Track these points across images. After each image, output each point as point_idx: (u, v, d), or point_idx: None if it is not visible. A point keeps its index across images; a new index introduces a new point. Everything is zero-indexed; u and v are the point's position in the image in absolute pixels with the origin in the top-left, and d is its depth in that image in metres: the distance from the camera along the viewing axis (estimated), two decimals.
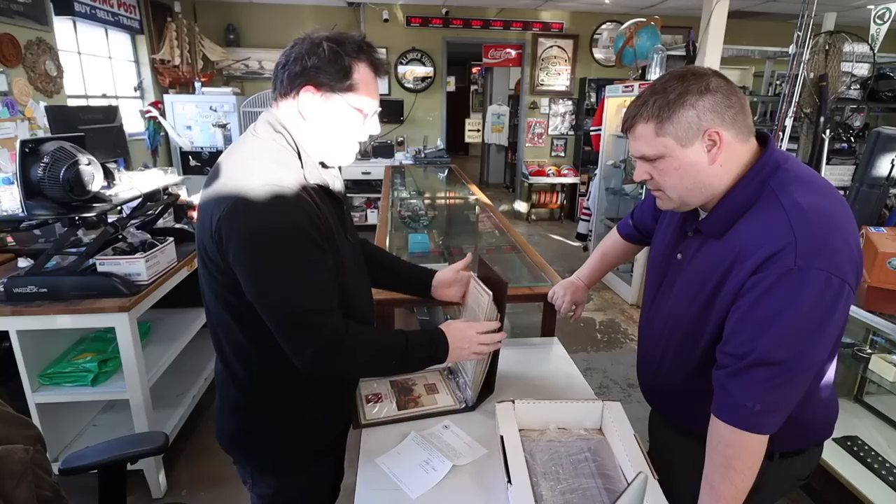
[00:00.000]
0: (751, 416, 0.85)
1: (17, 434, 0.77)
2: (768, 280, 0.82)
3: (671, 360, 1.06)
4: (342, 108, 0.96)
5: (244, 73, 5.75)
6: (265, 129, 0.97)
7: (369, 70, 0.97)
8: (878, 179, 2.15)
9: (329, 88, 0.94)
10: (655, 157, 0.90)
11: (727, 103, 0.85)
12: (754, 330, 0.84)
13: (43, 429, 1.00)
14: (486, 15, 6.06)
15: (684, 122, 0.85)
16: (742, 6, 5.31)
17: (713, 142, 0.86)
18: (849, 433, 1.92)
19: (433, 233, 2.79)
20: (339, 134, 0.99)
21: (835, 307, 0.82)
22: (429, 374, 1.35)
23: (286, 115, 0.97)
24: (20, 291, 1.71)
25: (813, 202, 0.85)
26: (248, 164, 0.92)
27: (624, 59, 4.27)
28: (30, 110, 3.32)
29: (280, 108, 0.98)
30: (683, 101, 0.85)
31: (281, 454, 1.07)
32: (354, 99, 0.96)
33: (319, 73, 0.92)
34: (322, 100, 0.94)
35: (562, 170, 6.50)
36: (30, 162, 1.56)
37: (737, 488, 0.88)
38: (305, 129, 0.97)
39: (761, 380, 0.84)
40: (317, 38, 0.94)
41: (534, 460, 1.01)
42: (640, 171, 0.95)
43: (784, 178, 0.88)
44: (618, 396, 2.77)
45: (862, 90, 3.93)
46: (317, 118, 0.96)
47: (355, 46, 0.95)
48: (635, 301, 3.98)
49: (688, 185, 0.91)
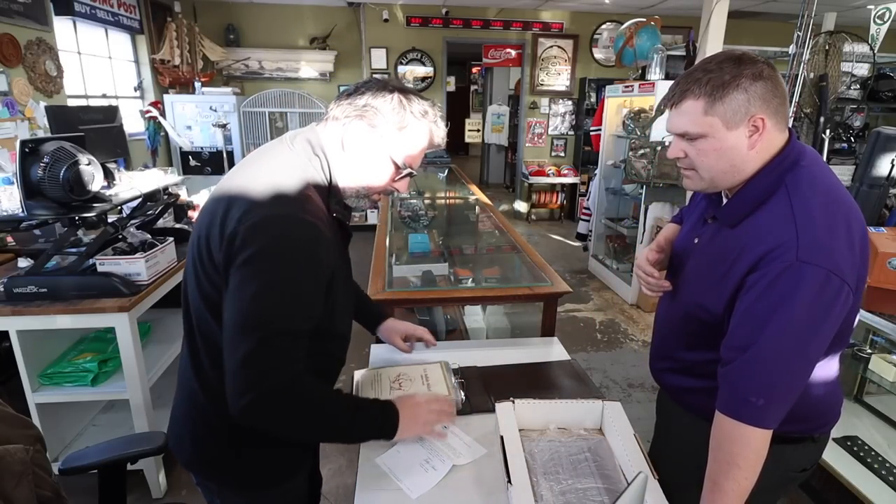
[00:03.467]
0: (754, 411, 0.86)
1: (17, 434, 0.77)
2: (770, 275, 0.84)
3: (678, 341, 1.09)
4: (381, 154, 0.96)
5: (244, 73, 5.75)
6: (304, 147, 0.96)
7: (424, 136, 0.98)
8: (878, 179, 2.15)
9: (379, 132, 0.94)
10: (697, 135, 0.91)
11: (774, 92, 0.87)
12: (755, 325, 0.85)
13: (43, 429, 1.00)
14: (486, 15, 6.06)
15: (734, 104, 0.86)
16: (742, 6, 5.31)
17: (756, 128, 0.88)
18: (849, 433, 1.92)
19: (433, 233, 2.79)
20: (368, 176, 0.99)
21: (832, 306, 0.83)
22: (429, 372, 1.35)
23: (329, 140, 0.97)
24: (20, 291, 1.71)
25: (821, 203, 0.87)
26: (283, 179, 0.91)
27: (624, 59, 4.27)
28: (30, 110, 3.32)
29: (326, 130, 0.97)
30: (738, 83, 0.86)
31: (250, 472, 1.02)
32: (396, 152, 0.97)
33: (378, 114, 0.93)
34: (368, 139, 0.95)
35: (562, 170, 6.50)
36: (30, 162, 1.55)
37: (740, 486, 0.88)
38: (342, 160, 0.97)
39: (762, 374, 0.85)
40: (391, 84, 0.96)
41: (534, 460, 1.01)
42: (676, 148, 0.96)
43: (799, 177, 0.90)
44: (618, 396, 2.77)
45: (862, 90, 3.93)
46: (355, 152, 0.96)
47: (422, 109, 0.96)
48: (635, 301, 3.98)
49: (723, 168, 0.92)
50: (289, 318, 0.85)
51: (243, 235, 0.84)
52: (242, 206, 0.87)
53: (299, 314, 0.86)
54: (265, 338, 0.82)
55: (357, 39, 5.86)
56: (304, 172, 0.94)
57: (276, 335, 0.83)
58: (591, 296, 4.20)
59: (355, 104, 0.94)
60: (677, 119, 0.93)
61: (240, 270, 0.85)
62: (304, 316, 0.87)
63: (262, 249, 0.83)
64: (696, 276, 1.03)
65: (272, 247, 0.84)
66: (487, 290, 1.95)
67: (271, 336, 0.83)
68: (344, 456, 2.17)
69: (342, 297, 1.01)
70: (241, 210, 0.86)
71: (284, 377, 0.84)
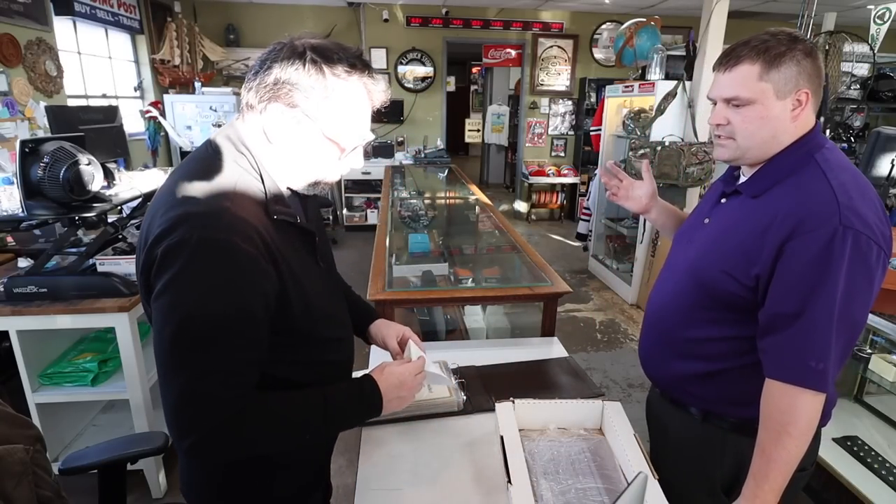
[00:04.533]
0: (814, 374, 0.87)
1: (17, 434, 0.77)
2: (817, 243, 0.86)
3: (681, 317, 1.07)
4: (314, 138, 0.81)
5: (244, 73, 5.70)
6: (225, 147, 0.82)
7: (360, 95, 0.81)
8: (878, 179, 2.15)
9: (302, 110, 0.78)
10: (747, 100, 0.92)
11: (819, 73, 0.92)
12: (805, 291, 0.87)
13: (43, 429, 1.00)
14: (486, 15, 6.05)
15: (787, 74, 0.90)
16: (742, 6, 5.31)
17: (799, 102, 0.92)
18: (849, 433, 1.92)
19: (433, 233, 2.79)
20: (308, 165, 0.84)
21: (875, 270, 0.87)
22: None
23: (250, 133, 0.83)
24: (20, 291, 1.71)
25: (851, 179, 0.91)
26: (197, 190, 0.77)
27: (624, 59, 4.27)
28: (30, 110, 3.32)
29: (245, 122, 0.83)
30: (793, 55, 0.89)
31: None
32: (331, 128, 0.80)
33: (294, 90, 0.77)
34: (292, 122, 0.79)
35: (562, 170, 6.50)
36: (30, 162, 1.55)
37: (790, 454, 0.89)
38: (271, 153, 0.83)
39: (819, 338, 0.86)
40: (300, 45, 0.78)
41: (534, 460, 1.01)
42: (719, 114, 0.97)
43: (828, 157, 0.94)
44: (618, 396, 2.77)
45: (862, 90, 3.93)
46: (284, 143, 0.81)
47: (346, 63, 0.78)
48: (635, 301, 3.98)
49: (763, 137, 0.94)
50: (217, 354, 0.73)
51: (155, 264, 0.73)
52: (149, 230, 0.76)
53: (230, 345, 0.74)
54: (193, 378, 0.72)
55: (357, 39, 5.86)
56: (226, 177, 0.79)
57: (206, 374, 0.73)
58: (591, 296, 4.20)
59: (265, 83, 0.77)
60: (729, 83, 0.94)
61: (154, 305, 0.74)
62: (238, 346, 0.75)
63: (171, 281, 0.72)
64: (716, 247, 1.01)
65: (182, 278, 0.72)
66: (487, 290, 1.96)
67: (200, 376, 0.72)
68: (344, 456, 2.17)
69: (316, 300, 0.88)
70: (147, 234, 0.76)
71: (225, 411, 0.74)
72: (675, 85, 3.57)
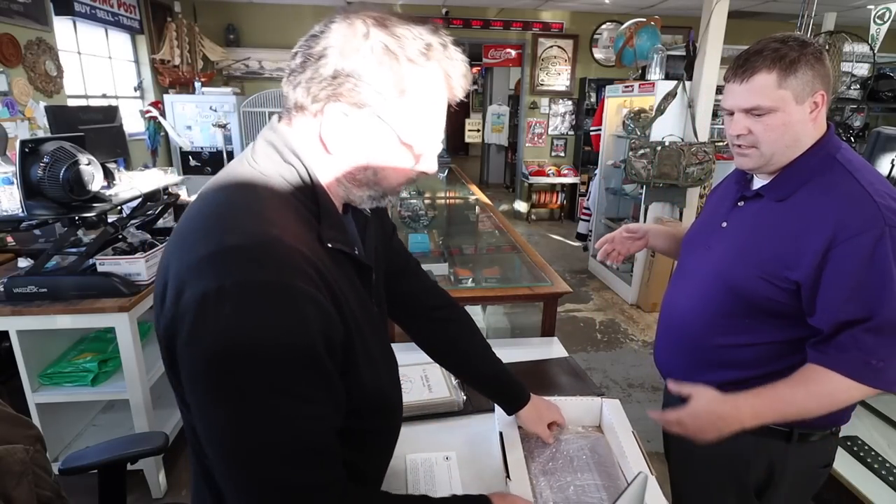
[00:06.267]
0: (872, 371, 0.88)
1: (17, 434, 0.77)
2: (867, 246, 0.86)
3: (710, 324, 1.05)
4: (388, 144, 0.64)
5: (244, 73, 5.75)
6: (268, 155, 0.64)
7: (439, 84, 0.64)
8: None
9: (373, 110, 0.61)
10: (769, 109, 0.92)
11: (829, 73, 0.93)
12: (868, 295, 0.86)
13: (43, 429, 1.00)
14: (486, 15, 6.06)
15: (804, 79, 0.91)
16: (742, 6, 5.31)
17: (816, 104, 0.93)
18: (849, 433, 1.92)
19: (433, 233, 2.79)
20: (378, 178, 0.66)
21: None
22: (429, 373, 1.35)
23: (301, 141, 0.64)
24: (20, 291, 1.71)
25: (880, 180, 0.93)
26: (237, 217, 0.59)
27: (624, 59, 4.28)
28: (30, 110, 3.32)
29: (294, 127, 0.65)
30: (807, 59, 0.90)
31: None
32: (409, 130, 0.63)
33: (360, 84, 0.59)
34: (358, 126, 0.62)
35: (562, 170, 6.50)
36: (30, 162, 1.56)
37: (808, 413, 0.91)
38: (329, 165, 0.65)
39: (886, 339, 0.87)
40: (360, 21, 0.60)
41: (532, 457, 1.01)
42: (740, 124, 0.96)
43: (849, 157, 0.95)
44: (618, 396, 2.76)
45: (862, 90, 3.94)
46: (348, 152, 0.64)
47: (421, 45, 0.60)
48: (635, 301, 3.98)
49: (787, 143, 0.95)
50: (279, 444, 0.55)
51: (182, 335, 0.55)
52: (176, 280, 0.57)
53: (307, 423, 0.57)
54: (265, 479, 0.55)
55: None
56: (271, 197, 0.61)
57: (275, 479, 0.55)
58: (591, 296, 4.21)
59: (320, 76, 0.60)
60: (747, 94, 0.94)
61: (193, 385, 0.56)
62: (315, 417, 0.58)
63: (215, 357, 0.53)
64: (746, 252, 0.99)
65: (228, 349, 0.53)
66: (487, 290, 1.96)
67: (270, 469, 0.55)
68: None
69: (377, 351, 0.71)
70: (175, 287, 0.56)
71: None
72: (675, 85, 3.57)
